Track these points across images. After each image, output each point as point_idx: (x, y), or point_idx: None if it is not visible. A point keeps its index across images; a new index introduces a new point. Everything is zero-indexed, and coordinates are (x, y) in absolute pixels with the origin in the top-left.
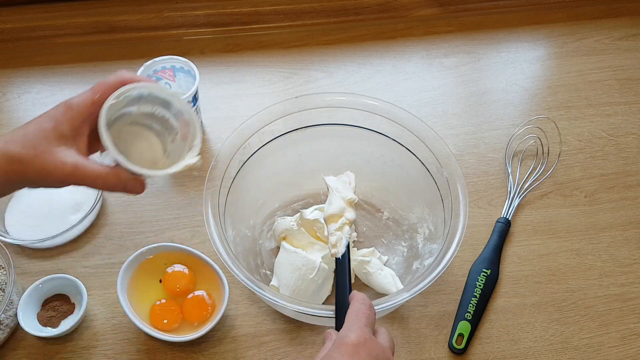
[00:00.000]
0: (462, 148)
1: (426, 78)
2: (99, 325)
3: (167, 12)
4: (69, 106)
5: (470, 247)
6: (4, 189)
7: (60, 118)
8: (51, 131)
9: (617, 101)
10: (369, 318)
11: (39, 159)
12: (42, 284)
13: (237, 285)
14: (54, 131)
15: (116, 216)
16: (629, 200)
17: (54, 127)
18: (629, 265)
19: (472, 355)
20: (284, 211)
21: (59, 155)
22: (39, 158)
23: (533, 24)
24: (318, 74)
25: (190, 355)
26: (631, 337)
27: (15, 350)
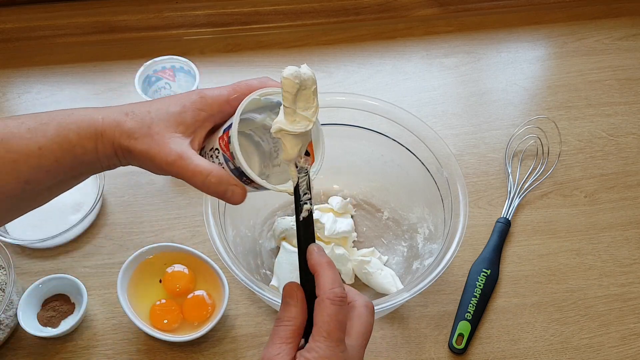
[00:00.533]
0: (462, 148)
1: (426, 78)
2: (99, 325)
3: (167, 12)
4: (203, 97)
5: (470, 247)
6: (110, 162)
7: (189, 106)
8: (174, 115)
9: (617, 101)
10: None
11: (148, 139)
12: (42, 284)
13: (237, 285)
14: (176, 116)
15: (116, 216)
16: (629, 200)
17: (179, 112)
18: (629, 265)
19: (472, 355)
20: (284, 211)
21: (168, 142)
22: (148, 138)
23: (533, 24)
24: (318, 74)
25: (190, 355)
26: (631, 337)
27: (15, 350)
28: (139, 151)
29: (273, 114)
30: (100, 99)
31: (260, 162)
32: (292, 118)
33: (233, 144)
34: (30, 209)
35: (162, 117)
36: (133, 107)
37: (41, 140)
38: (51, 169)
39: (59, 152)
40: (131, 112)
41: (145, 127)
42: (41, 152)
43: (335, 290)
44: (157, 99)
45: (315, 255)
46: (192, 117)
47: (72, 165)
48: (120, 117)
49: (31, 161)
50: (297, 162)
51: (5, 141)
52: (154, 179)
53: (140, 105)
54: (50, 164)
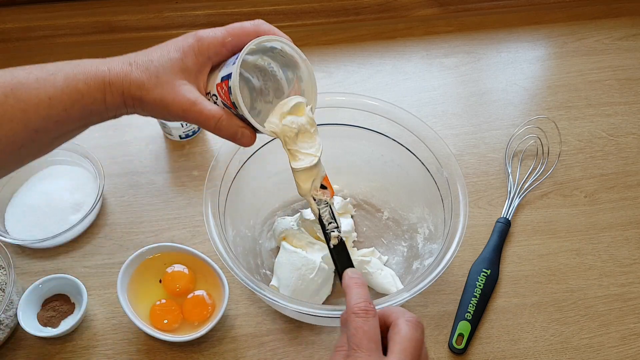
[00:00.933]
0: (462, 148)
1: (426, 78)
2: (99, 325)
3: (167, 12)
4: (199, 40)
5: (470, 247)
6: (117, 112)
7: (188, 51)
8: (177, 62)
9: (617, 101)
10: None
11: (160, 88)
12: (42, 284)
13: (237, 285)
14: (179, 62)
15: (116, 216)
16: (629, 200)
17: (181, 58)
18: (629, 265)
19: (472, 355)
20: (284, 211)
21: (180, 89)
22: (160, 88)
23: (533, 24)
24: (318, 74)
25: (190, 355)
26: (631, 337)
27: (15, 350)
28: (153, 100)
29: (265, 55)
30: None
31: (250, 97)
32: (296, 157)
33: (236, 95)
34: (35, 158)
35: (166, 64)
36: (134, 57)
37: (50, 91)
38: (60, 119)
39: (68, 102)
40: (134, 61)
41: (154, 76)
42: (51, 102)
43: (359, 304)
44: (154, 47)
45: (346, 278)
46: (193, 62)
47: (80, 115)
48: (125, 68)
49: (41, 111)
50: (314, 195)
51: (14, 91)
52: (154, 179)
53: (140, 55)
54: (60, 113)
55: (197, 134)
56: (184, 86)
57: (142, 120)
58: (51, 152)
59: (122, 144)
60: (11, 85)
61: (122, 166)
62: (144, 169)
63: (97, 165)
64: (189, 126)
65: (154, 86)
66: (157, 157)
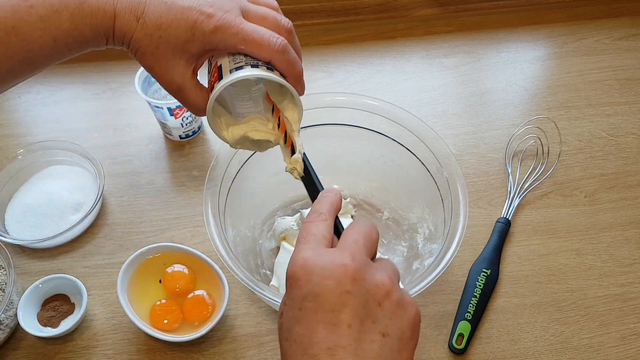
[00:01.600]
0: (462, 148)
1: (426, 78)
2: (99, 325)
3: None
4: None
5: (470, 247)
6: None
7: (198, 37)
8: (182, 43)
9: (617, 101)
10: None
11: (153, 59)
12: (42, 284)
13: (237, 285)
14: (184, 44)
15: (116, 216)
16: (629, 200)
17: (187, 40)
18: (629, 265)
19: (472, 355)
20: (284, 211)
21: (172, 69)
22: (154, 58)
23: (533, 24)
24: (318, 74)
25: (190, 355)
26: (631, 337)
27: (15, 350)
28: (144, 64)
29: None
30: (100, 99)
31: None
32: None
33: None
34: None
35: (170, 40)
36: (148, 10)
37: (55, 32)
38: (63, 56)
39: (73, 44)
40: (142, 17)
41: (153, 45)
42: (55, 44)
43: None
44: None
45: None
46: (197, 49)
47: (80, 50)
48: (131, 21)
49: (45, 52)
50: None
51: (17, 29)
52: (154, 179)
53: (153, 10)
54: (63, 54)
55: (197, 134)
56: (177, 67)
57: (142, 120)
58: (51, 153)
59: (122, 144)
60: (12, 23)
61: (122, 166)
62: (144, 169)
63: (97, 165)
64: (189, 126)
65: (149, 54)
66: (157, 157)
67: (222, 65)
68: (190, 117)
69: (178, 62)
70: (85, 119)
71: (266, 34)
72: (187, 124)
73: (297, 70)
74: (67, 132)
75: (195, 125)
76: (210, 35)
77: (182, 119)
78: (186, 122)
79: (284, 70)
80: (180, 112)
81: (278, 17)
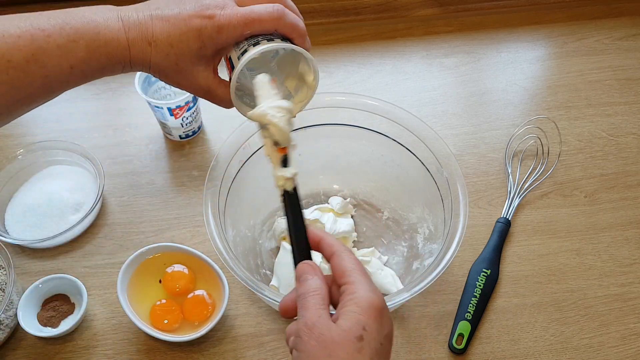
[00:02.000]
0: (462, 148)
1: (426, 78)
2: (99, 325)
3: None
4: (219, 31)
5: (470, 247)
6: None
7: (207, 41)
8: (195, 52)
9: (617, 101)
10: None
11: (177, 75)
12: (42, 284)
13: (237, 285)
14: (198, 52)
15: (116, 216)
16: (629, 200)
17: (200, 47)
18: (629, 265)
19: (472, 355)
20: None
21: (196, 77)
22: (178, 75)
23: (533, 24)
24: None
25: (190, 355)
26: (631, 337)
27: (15, 350)
28: (170, 82)
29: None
30: (100, 98)
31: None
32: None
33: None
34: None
35: (186, 53)
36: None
37: (72, 60)
38: (79, 83)
39: (89, 71)
40: (153, 41)
41: (173, 64)
42: (72, 71)
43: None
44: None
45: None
46: (211, 51)
47: (95, 77)
48: (145, 49)
49: (62, 78)
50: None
51: (36, 57)
52: (154, 179)
53: (160, 31)
54: (80, 79)
55: (197, 134)
56: (200, 73)
57: (142, 120)
58: (51, 153)
59: (122, 144)
60: (32, 51)
61: (122, 166)
62: (144, 169)
63: (97, 165)
64: (188, 126)
65: (173, 72)
66: (157, 157)
67: (232, 57)
68: (190, 117)
69: (198, 69)
70: (85, 119)
71: (261, 9)
72: (187, 124)
73: (301, 29)
74: (67, 132)
75: (195, 125)
76: (217, 36)
77: (182, 119)
78: (186, 122)
79: (289, 33)
80: (180, 112)
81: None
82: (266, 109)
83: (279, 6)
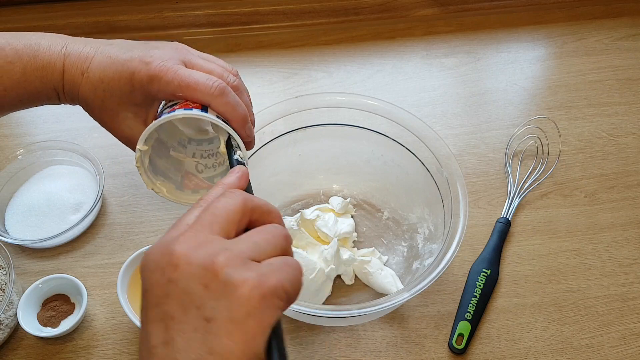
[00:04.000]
0: (462, 148)
1: (426, 78)
2: (99, 325)
3: (167, 12)
4: (151, 83)
5: (470, 247)
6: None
7: (138, 88)
8: (126, 95)
9: (617, 101)
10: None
11: (103, 113)
12: (42, 284)
13: None
14: (128, 96)
15: (116, 216)
16: (629, 200)
17: (130, 92)
18: (629, 265)
19: (472, 355)
20: (284, 211)
21: (121, 123)
22: (103, 113)
23: (533, 24)
24: (318, 74)
25: None
26: (631, 337)
27: (15, 350)
28: (94, 118)
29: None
30: None
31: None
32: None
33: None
34: None
35: (115, 93)
36: (90, 65)
37: (6, 82)
38: (14, 108)
39: (24, 95)
40: (87, 71)
41: (99, 100)
42: (6, 93)
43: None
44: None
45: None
46: (142, 99)
47: (32, 103)
48: (77, 78)
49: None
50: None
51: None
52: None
53: (97, 65)
54: (14, 104)
55: None
56: (127, 120)
57: None
58: (51, 153)
59: (122, 144)
60: None
61: (122, 166)
62: None
63: (97, 165)
64: None
65: (98, 109)
66: None
67: (160, 112)
68: None
69: (126, 115)
70: (85, 119)
71: (202, 78)
72: None
73: (239, 113)
74: (67, 132)
75: None
76: (147, 84)
77: None
78: None
79: (224, 113)
80: None
81: (223, 64)
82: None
83: (221, 83)
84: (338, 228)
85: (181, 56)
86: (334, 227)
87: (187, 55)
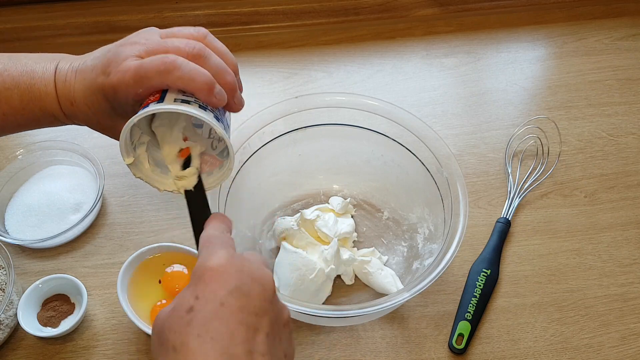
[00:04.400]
0: (462, 148)
1: (426, 78)
2: (99, 325)
3: (167, 12)
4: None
5: (470, 247)
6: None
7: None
8: (110, 111)
9: (617, 101)
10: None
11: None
12: (42, 284)
13: None
14: (113, 111)
15: (116, 216)
16: (629, 200)
17: (111, 107)
18: (629, 265)
19: (472, 355)
20: (284, 211)
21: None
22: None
23: (533, 24)
24: (318, 74)
25: None
26: (631, 337)
27: (15, 350)
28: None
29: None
30: None
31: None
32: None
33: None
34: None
35: (104, 112)
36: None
37: (5, 108)
38: (13, 131)
39: (22, 120)
40: (74, 101)
41: (95, 123)
42: (5, 118)
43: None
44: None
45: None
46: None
47: (35, 127)
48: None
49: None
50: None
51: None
52: None
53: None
54: (15, 127)
55: None
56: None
57: None
58: (51, 153)
59: None
60: None
61: (122, 166)
62: None
63: (97, 165)
64: None
65: (99, 128)
66: None
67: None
68: None
69: (121, 123)
70: None
71: (149, 63)
72: None
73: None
74: (67, 132)
75: None
76: (116, 96)
77: None
78: None
79: (184, 88)
80: None
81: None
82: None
83: (167, 57)
84: (338, 228)
85: (142, 47)
86: (334, 227)
87: (149, 41)
